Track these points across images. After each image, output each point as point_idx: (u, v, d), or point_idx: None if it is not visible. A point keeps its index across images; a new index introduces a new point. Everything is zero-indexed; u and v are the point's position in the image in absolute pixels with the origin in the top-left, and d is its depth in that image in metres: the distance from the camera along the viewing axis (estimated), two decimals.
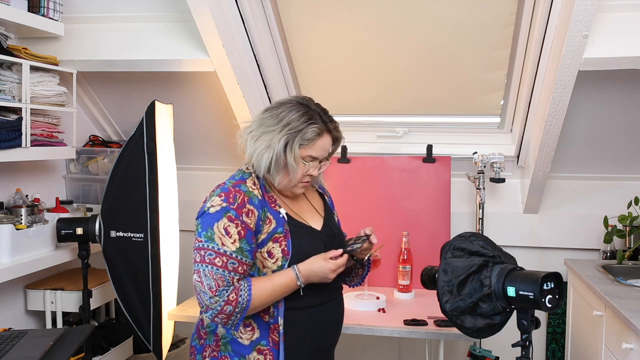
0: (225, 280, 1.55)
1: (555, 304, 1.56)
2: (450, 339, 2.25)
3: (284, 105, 1.67)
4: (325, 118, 1.68)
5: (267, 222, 1.64)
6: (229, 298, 1.54)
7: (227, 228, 1.58)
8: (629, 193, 2.84)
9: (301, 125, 1.62)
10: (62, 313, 2.73)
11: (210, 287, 1.54)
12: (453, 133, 3.11)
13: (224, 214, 1.58)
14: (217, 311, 1.55)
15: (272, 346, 1.63)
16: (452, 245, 1.73)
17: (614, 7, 2.31)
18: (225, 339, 1.67)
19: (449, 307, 1.66)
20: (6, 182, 2.75)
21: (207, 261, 1.56)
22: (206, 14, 2.45)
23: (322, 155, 1.69)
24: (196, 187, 3.41)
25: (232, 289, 1.56)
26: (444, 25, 2.64)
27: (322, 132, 1.65)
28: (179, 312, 2.56)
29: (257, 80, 2.90)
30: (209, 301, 1.55)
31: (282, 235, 1.65)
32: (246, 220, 1.60)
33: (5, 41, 2.50)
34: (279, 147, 1.61)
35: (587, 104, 2.64)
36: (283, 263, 1.64)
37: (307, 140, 1.63)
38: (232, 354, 1.65)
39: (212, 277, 1.55)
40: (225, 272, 1.56)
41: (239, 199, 1.61)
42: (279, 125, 1.63)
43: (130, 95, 3.13)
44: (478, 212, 2.86)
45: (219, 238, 1.57)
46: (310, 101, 1.71)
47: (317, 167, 1.70)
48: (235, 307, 1.55)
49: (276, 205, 1.69)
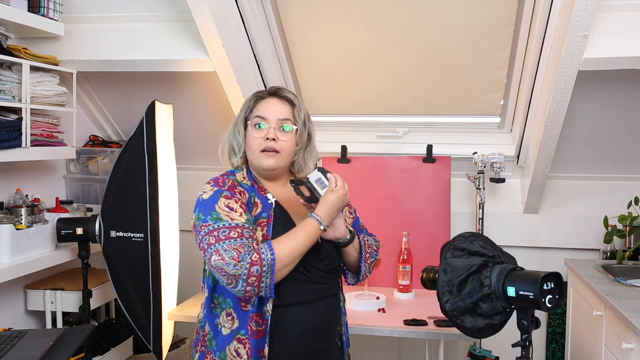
0: (245, 246, 1.53)
1: (555, 304, 1.56)
2: (450, 339, 2.25)
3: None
4: (272, 89, 1.78)
5: (255, 206, 1.67)
6: (252, 259, 1.51)
7: (229, 205, 1.60)
8: (629, 193, 2.84)
9: (248, 102, 1.77)
10: (62, 313, 2.73)
11: (232, 257, 1.50)
12: (453, 133, 3.10)
13: (219, 195, 1.62)
14: (246, 275, 1.50)
15: (250, 334, 1.62)
16: (452, 245, 1.73)
17: (614, 7, 2.31)
18: (209, 335, 1.68)
19: (449, 307, 1.66)
20: (6, 182, 2.75)
21: (222, 238, 1.54)
22: (206, 14, 2.45)
23: (270, 116, 1.71)
24: (196, 187, 3.38)
25: (252, 251, 1.52)
26: (444, 25, 2.64)
27: (263, 96, 1.76)
28: (179, 312, 2.57)
29: (257, 80, 2.90)
30: (234, 269, 1.50)
31: (265, 220, 1.66)
32: (240, 197, 1.64)
33: (5, 41, 2.50)
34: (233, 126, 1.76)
35: (587, 104, 2.64)
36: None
37: (249, 108, 1.75)
38: (215, 349, 1.66)
39: (232, 248, 1.52)
40: (243, 239, 1.54)
41: (229, 182, 1.67)
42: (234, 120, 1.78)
43: (130, 95, 3.13)
44: (478, 212, 2.86)
45: (226, 215, 1.58)
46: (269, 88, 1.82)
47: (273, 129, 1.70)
48: (262, 266, 1.51)
49: (266, 193, 1.71)
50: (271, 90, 1.77)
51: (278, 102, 1.74)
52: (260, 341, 1.62)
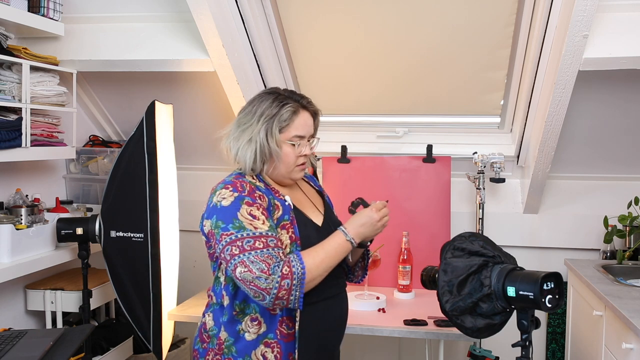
0: (273, 257, 1.51)
1: (555, 304, 1.56)
2: (450, 339, 2.25)
3: (254, 100, 1.71)
4: (296, 97, 1.70)
5: (275, 208, 1.63)
6: (282, 272, 1.49)
7: (251, 212, 1.56)
8: (629, 193, 2.84)
9: (275, 109, 1.65)
10: (62, 313, 2.73)
11: (262, 270, 1.49)
12: (453, 133, 3.10)
13: (240, 202, 1.57)
14: (277, 289, 1.48)
15: (279, 339, 1.62)
16: (452, 245, 1.73)
17: (614, 7, 2.31)
18: (228, 342, 1.64)
19: (449, 307, 1.66)
20: (6, 182, 2.75)
21: (247, 249, 1.51)
22: (206, 14, 2.45)
23: (307, 132, 1.70)
24: (196, 187, 3.42)
25: (282, 263, 1.51)
26: (444, 25, 2.64)
27: (297, 110, 1.68)
28: (179, 312, 2.56)
29: (257, 80, 2.90)
30: (265, 283, 1.48)
31: (288, 223, 1.63)
32: (261, 202, 1.60)
33: (5, 41, 2.50)
34: (260, 137, 1.63)
35: (587, 104, 2.64)
36: (293, 249, 1.61)
37: (284, 122, 1.65)
38: (235, 355, 1.62)
39: (260, 259, 1.50)
40: (269, 250, 1.52)
41: (247, 187, 1.61)
42: (254, 118, 1.65)
43: (130, 95, 3.13)
44: (478, 212, 2.86)
45: (249, 223, 1.54)
46: (277, 89, 1.74)
47: (307, 145, 1.71)
48: (293, 279, 1.50)
49: (280, 195, 1.68)
50: (303, 103, 1.70)
51: (309, 116, 1.72)
52: (290, 344, 1.62)
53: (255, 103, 1.69)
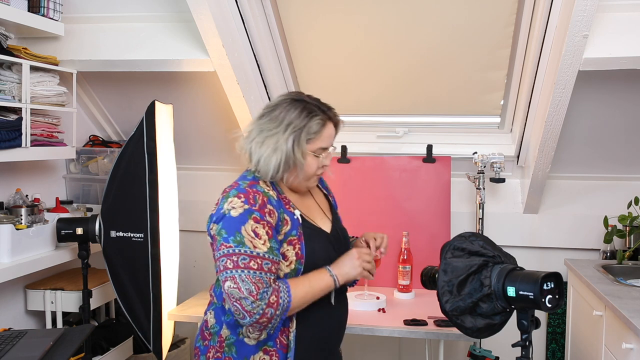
0: (263, 282, 1.52)
1: (555, 304, 1.56)
2: (450, 339, 2.25)
3: (280, 106, 1.67)
4: (323, 107, 1.69)
5: (284, 223, 1.63)
6: (269, 301, 1.51)
7: (255, 230, 1.55)
8: (629, 193, 2.84)
9: (304, 121, 1.63)
10: (62, 313, 2.73)
11: (250, 292, 1.50)
12: (453, 133, 3.10)
13: (248, 216, 1.55)
14: (260, 315, 1.51)
15: (279, 347, 1.63)
16: (452, 245, 1.73)
17: (614, 7, 2.31)
18: (229, 340, 1.64)
19: (449, 307, 1.66)
20: (6, 182, 2.75)
21: (241, 266, 1.51)
22: (206, 14, 2.45)
23: (330, 144, 1.70)
24: (196, 187, 3.42)
25: (271, 291, 1.53)
26: (444, 25, 2.64)
27: (325, 122, 1.67)
28: (179, 312, 2.56)
29: (257, 80, 2.90)
30: (250, 306, 1.50)
31: (295, 238, 1.63)
32: (269, 220, 1.59)
33: (5, 41, 2.50)
34: (287, 146, 1.61)
35: (587, 104, 2.64)
36: (297, 266, 1.62)
37: (313, 134, 1.64)
38: (235, 355, 1.63)
39: (251, 281, 1.51)
40: (262, 273, 1.53)
41: (259, 200, 1.59)
42: (281, 126, 1.62)
43: (130, 95, 3.13)
44: (478, 212, 2.86)
45: (250, 241, 1.53)
46: (302, 95, 1.72)
47: (328, 155, 1.72)
48: (277, 310, 1.53)
49: (290, 207, 1.67)
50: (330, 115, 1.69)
51: (333, 127, 1.71)
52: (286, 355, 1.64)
53: (281, 110, 1.65)
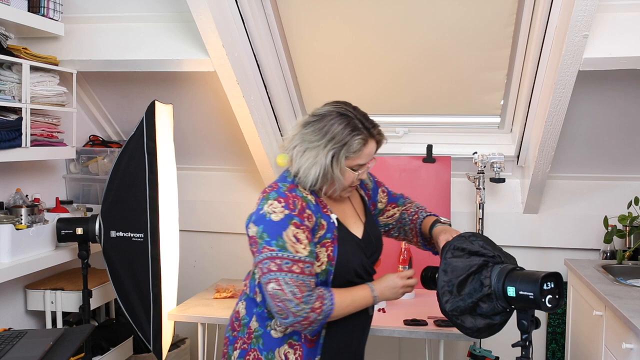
0: (305, 284, 1.58)
1: (555, 304, 1.56)
2: (450, 339, 2.25)
3: (325, 118, 1.66)
4: (367, 124, 1.68)
5: (320, 227, 1.67)
6: (314, 306, 1.58)
7: (296, 235, 1.59)
8: (629, 193, 2.84)
9: (346, 138, 1.63)
10: (62, 313, 2.73)
11: (294, 294, 1.56)
12: (453, 133, 3.10)
13: (289, 222, 1.60)
14: (302, 318, 1.57)
15: (303, 342, 1.68)
16: (452, 245, 1.73)
17: (614, 7, 2.31)
18: (257, 332, 1.70)
19: (449, 307, 1.66)
20: (6, 182, 2.75)
21: (285, 269, 1.57)
22: (206, 14, 2.45)
23: (368, 161, 1.72)
24: (196, 187, 3.42)
25: (316, 296, 1.59)
26: (444, 26, 2.64)
27: (367, 141, 1.67)
28: (179, 312, 2.57)
29: (257, 80, 2.90)
30: (295, 308, 1.56)
31: (329, 241, 1.67)
32: (308, 224, 1.63)
33: (5, 41, 2.50)
34: (326, 161, 1.63)
35: (587, 104, 2.64)
36: (328, 268, 1.66)
37: (353, 152, 1.65)
38: (261, 347, 1.69)
39: (294, 283, 1.57)
40: (304, 277, 1.58)
41: (299, 205, 1.63)
42: (323, 140, 1.63)
43: (130, 95, 3.13)
44: (478, 212, 2.85)
45: (292, 246, 1.58)
46: (348, 108, 1.69)
47: (366, 170, 1.73)
48: (319, 315, 1.59)
49: (327, 210, 1.71)
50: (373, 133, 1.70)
51: (374, 145, 1.72)
52: (312, 351, 1.69)
53: (325, 122, 1.65)
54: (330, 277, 1.67)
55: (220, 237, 3.42)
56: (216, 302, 2.70)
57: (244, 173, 3.36)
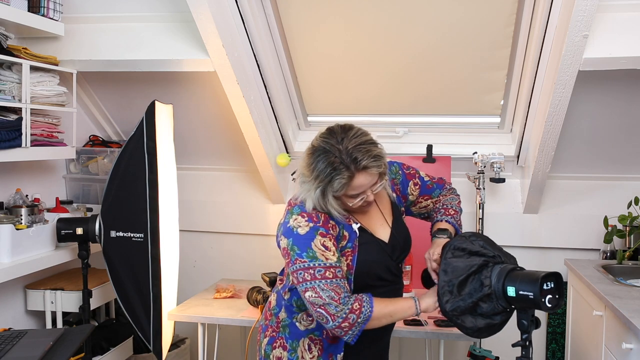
0: (340, 287, 1.65)
1: (555, 304, 1.56)
2: (450, 339, 2.25)
3: (314, 153, 1.66)
4: (352, 158, 1.61)
5: (343, 238, 1.74)
6: (353, 307, 1.63)
7: (324, 244, 1.67)
8: (629, 193, 2.84)
9: (328, 177, 1.63)
10: (62, 313, 2.73)
11: (332, 298, 1.63)
12: (453, 133, 3.10)
13: (315, 233, 1.67)
14: (342, 319, 1.63)
15: (324, 338, 1.78)
16: (453, 245, 1.73)
17: (614, 7, 2.31)
18: (284, 322, 1.81)
19: (449, 307, 1.66)
20: (6, 182, 2.75)
21: (318, 277, 1.64)
22: (206, 14, 2.45)
23: (365, 189, 1.67)
24: (196, 187, 3.42)
25: (354, 298, 1.65)
26: (444, 26, 2.64)
27: (351, 177, 1.63)
28: (179, 312, 2.57)
29: (257, 80, 2.90)
30: (335, 310, 1.63)
31: (350, 250, 1.74)
32: (332, 233, 1.71)
33: (5, 41, 2.50)
34: (316, 195, 1.67)
35: (587, 104, 2.64)
36: (347, 276, 1.72)
37: (337, 191, 1.65)
38: (287, 336, 1.80)
39: (329, 288, 1.63)
40: (337, 280, 1.65)
41: (322, 217, 1.70)
42: (312, 177, 1.67)
43: (130, 95, 3.13)
44: (478, 212, 2.85)
45: (322, 254, 1.66)
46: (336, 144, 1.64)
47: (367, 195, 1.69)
48: (359, 317, 1.64)
49: (350, 220, 1.77)
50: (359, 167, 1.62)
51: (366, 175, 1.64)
52: (334, 347, 1.77)
53: (313, 159, 1.66)
54: (351, 285, 1.73)
55: (220, 237, 3.42)
56: (216, 302, 2.70)
57: (244, 173, 3.36)
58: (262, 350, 1.85)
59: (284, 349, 1.80)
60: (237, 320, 2.50)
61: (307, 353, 1.77)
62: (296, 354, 1.78)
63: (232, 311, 2.57)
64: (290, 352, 1.79)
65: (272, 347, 1.82)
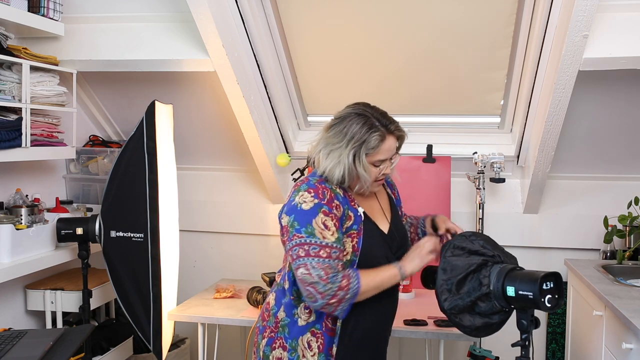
0: (332, 267, 1.66)
1: (555, 304, 1.56)
2: (450, 339, 2.25)
3: (345, 120, 1.76)
4: (385, 121, 1.75)
5: (347, 218, 1.75)
6: (341, 284, 1.65)
7: (325, 222, 1.69)
8: (629, 193, 2.84)
9: (364, 136, 1.72)
10: (62, 313, 2.73)
11: (320, 277, 1.64)
12: (453, 133, 3.10)
13: (318, 210, 1.69)
14: (331, 296, 1.64)
15: (324, 331, 1.76)
16: (453, 244, 1.74)
17: (614, 7, 2.31)
18: (283, 322, 1.80)
19: (448, 306, 1.66)
20: (6, 182, 2.75)
21: (312, 254, 1.66)
22: (206, 14, 2.45)
23: (390, 155, 1.78)
24: (196, 187, 3.42)
25: (342, 275, 1.66)
26: (444, 26, 2.64)
27: (384, 137, 1.74)
28: (179, 312, 2.57)
29: (257, 80, 2.90)
30: (322, 289, 1.64)
31: (355, 232, 1.76)
32: (336, 213, 1.72)
33: (5, 41, 2.50)
34: (348, 160, 1.72)
35: (587, 104, 2.64)
36: (352, 258, 1.74)
37: (372, 149, 1.72)
38: (286, 335, 1.79)
39: (320, 267, 1.65)
40: (330, 260, 1.67)
41: (327, 195, 1.73)
42: (344, 141, 1.72)
43: (130, 95, 3.13)
44: (478, 212, 2.86)
45: (320, 232, 1.68)
46: (366, 108, 1.78)
47: (389, 165, 1.79)
48: (347, 292, 1.66)
49: (355, 204, 1.79)
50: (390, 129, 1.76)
51: (394, 140, 1.78)
52: (332, 339, 1.77)
53: (345, 124, 1.75)
54: (355, 267, 1.74)
55: (220, 237, 3.43)
56: (216, 302, 2.70)
57: (244, 173, 3.36)
58: (261, 351, 1.84)
59: (284, 349, 1.78)
60: (237, 320, 2.50)
61: (307, 351, 1.76)
62: (296, 354, 1.77)
63: (232, 311, 2.57)
64: (290, 351, 1.77)
65: (271, 348, 1.81)
